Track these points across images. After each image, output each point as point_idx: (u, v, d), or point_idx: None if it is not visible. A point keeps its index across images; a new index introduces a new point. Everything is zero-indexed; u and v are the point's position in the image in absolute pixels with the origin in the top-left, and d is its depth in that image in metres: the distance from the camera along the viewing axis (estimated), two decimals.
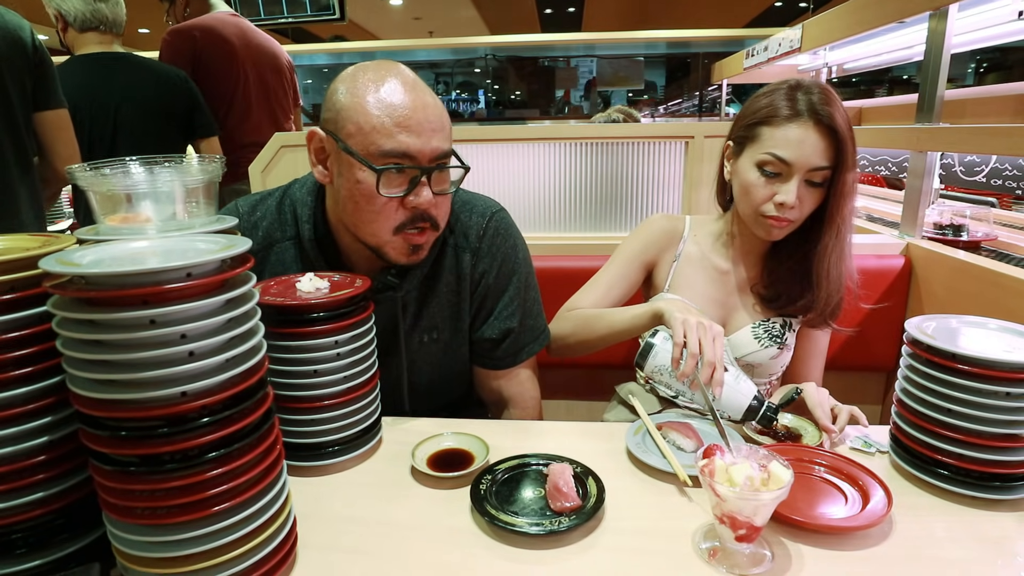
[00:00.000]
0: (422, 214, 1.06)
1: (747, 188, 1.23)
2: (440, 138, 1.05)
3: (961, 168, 2.24)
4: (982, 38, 2.36)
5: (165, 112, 2.35)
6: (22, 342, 0.64)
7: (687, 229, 1.41)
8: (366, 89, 1.02)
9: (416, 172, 1.03)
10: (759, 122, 1.21)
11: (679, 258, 1.39)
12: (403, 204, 1.05)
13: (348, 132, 1.02)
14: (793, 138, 1.16)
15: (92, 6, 2.16)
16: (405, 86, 1.03)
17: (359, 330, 0.98)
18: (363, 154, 1.02)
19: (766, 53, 3.93)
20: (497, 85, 9.95)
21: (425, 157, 1.03)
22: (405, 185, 1.04)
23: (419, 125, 1.02)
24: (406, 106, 1.02)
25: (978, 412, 0.87)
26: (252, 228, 1.19)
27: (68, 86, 2.02)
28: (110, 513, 0.65)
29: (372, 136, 1.01)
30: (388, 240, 1.07)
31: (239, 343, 0.66)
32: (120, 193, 0.75)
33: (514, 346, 1.27)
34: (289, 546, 0.76)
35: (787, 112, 1.18)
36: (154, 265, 0.60)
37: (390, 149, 1.01)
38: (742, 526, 0.77)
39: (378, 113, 1.01)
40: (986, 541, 0.83)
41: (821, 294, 1.27)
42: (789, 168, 1.17)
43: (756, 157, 1.21)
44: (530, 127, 1.85)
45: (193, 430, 0.63)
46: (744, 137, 1.25)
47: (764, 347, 1.33)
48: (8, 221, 1.72)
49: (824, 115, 1.15)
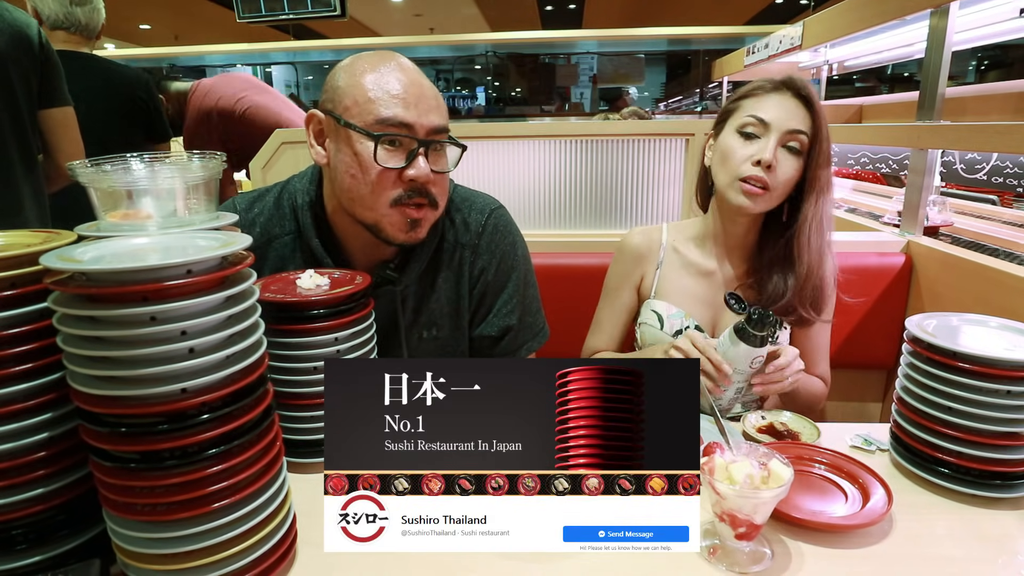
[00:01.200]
0: (419, 188, 1.06)
1: (727, 154, 1.26)
2: (437, 115, 1.08)
3: (962, 166, 2.24)
4: (983, 35, 2.36)
5: (121, 112, 2.34)
6: (23, 338, 0.65)
7: (665, 236, 1.42)
8: (362, 70, 1.06)
9: (413, 144, 1.05)
10: (740, 98, 1.29)
11: (661, 265, 1.40)
12: (400, 177, 1.06)
13: (345, 106, 1.05)
14: (771, 102, 1.24)
15: (67, 9, 2.18)
16: (401, 68, 1.07)
17: (359, 327, 0.98)
18: (361, 124, 1.03)
19: (767, 50, 3.93)
20: (498, 82, 9.94)
21: (423, 129, 1.05)
22: (403, 158, 1.05)
23: (416, 99, 1.05)
24: (403, 82, 1.05)
25: (979, 410, 0.87)
26: (250, 225, 1.19)
27: None
28: (110, 509, 0.65)
29: (369, 106, 1.03)
30: (385, 214, 1.07)
31: (239, 340, 0.66)
32: (121, 189, 0.75)
33: (513, 344, 1.27)
34: (289, 543, 0.76)
35: (768, 85, 1.26)
36: (155, 262, 0.60)
37: (387, 117, 1.03)
38: (742, 524, 0.77)
39: (374, 88, 1.04)
40: (987, 539, 0.83)
41: (801, 273, 1.27)
42: (767, 128, 1.23)
43: (737, 123, 1.26)
44: (530, 124, 1.85)
45: (193, 427, 0.63)
46: (726, 114, 1.30)
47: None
48: (12, 218, 1.73)
49: (802, 87, 1.24)
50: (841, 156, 3.44)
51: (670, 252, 1.40)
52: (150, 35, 10.70)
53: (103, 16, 2.31)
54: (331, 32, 9.88)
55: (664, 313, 1.35)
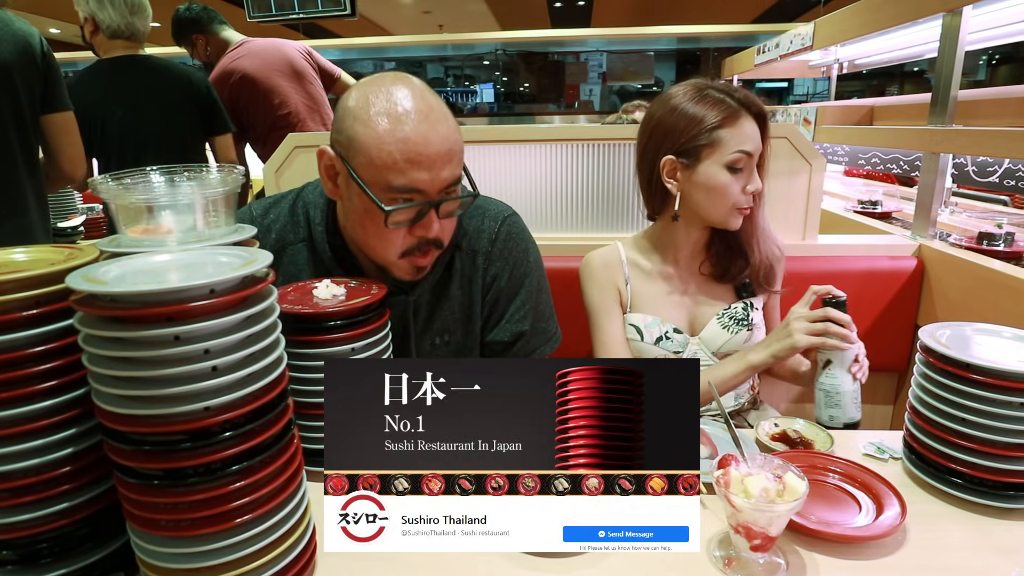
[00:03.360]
0: (429, 240, 1.08)
1: (721, 190, 1.28)
2: (451, 168, 1.04)
3: (974, 168, 2.23)
4: (996, 35, 2.34)
5: (182, 109, 2.50)
6: (47, 355, 0.65)
7: (622, 253, 1.44)
8: (379, 119, 1.00)
9: (424, 205, 1.04)
10: (715, 128, 1.26)
11: (629, 280, 1.41)
12: (410, 232, 1.07)
13: (359, 163, 1.02)
14: (748, 132, 1.27)
15: (127, 20, 2.35)
16: (418, 115, 1.00)
17: (375, 337, 0.99)
18: (372, 188, 1.01)
19: (777, 50, 3.91)
20: (506, 78, 9.91)
21: (435, 190, 1.03)
22: (413, 215, 1.05)
23: (430, 160, 1.00)
24: (419, 138, 0.99)
25: (992, 422, 0.88)
26: (265, 231, 1.20)
27: (95, 86, 2.37)
28: (134, 525, 0.66)
29: (383, 172, 1.00)
30: (394, 263, 1.10)
31: (261, 357, 0.67)
32: (141, 205, 0.76)
33: (525, 349, 1.27)
34: (309, 554, 0.77)
35: (734, 111, 1.26)
36: (178, 283, 0.61)
37: (400, 185, 1.01)
38: (757, 536, 0.77)
39: (390, 149, 0.99)
40: (1001, 550, 0.84)
41: (755, 254, 1.37)
42: (751, 159, 1.28)
43: (725, 159, 1.26)
44: (539, 128, 1.84)
45: (216, 444, 0.64)
46: (699, 148, 1.28)
47: (734, 333, 1.37)
48: (20, 218, 1.83)
49: (754, 105, 1.28)
50: (852, 156, 3.44)
51: (631, 266, 1.43)
52: (159, 33, 10.71)
53: (151, 21, 2.48)
54: (342, 31, 9.88)
55: (641, 324, 1.38)
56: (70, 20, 9.40)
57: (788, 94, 9.03)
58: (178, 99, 2.49)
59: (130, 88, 2.43)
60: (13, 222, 1.81)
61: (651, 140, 1.33)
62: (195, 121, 2.55)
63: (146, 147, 2.45)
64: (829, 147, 3.74)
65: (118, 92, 2.42)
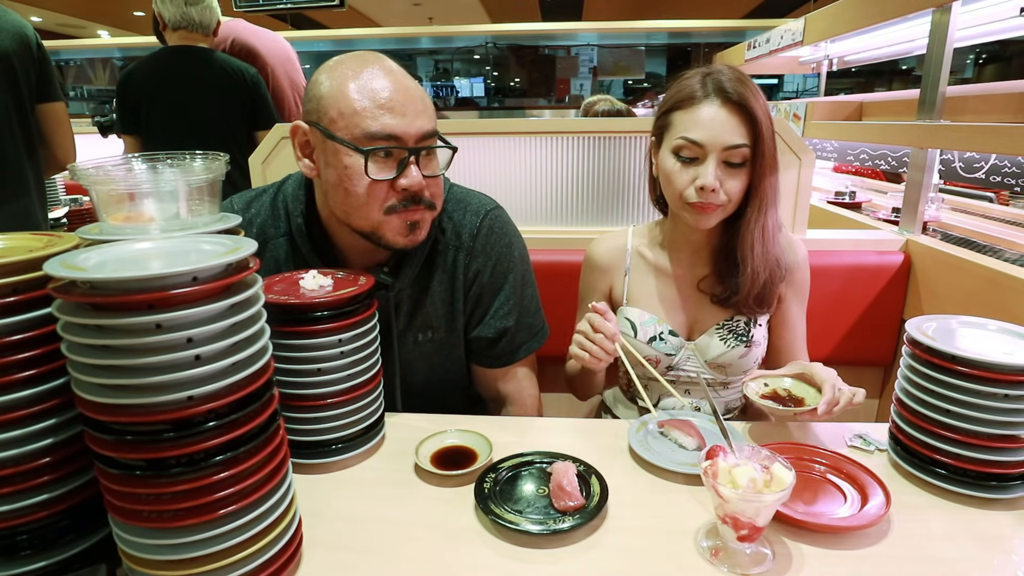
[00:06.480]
0: (413, 196, 1.06)
1: (668, 177, 1.19)
2: (424, 119, 1.05)
3: (960, 164, 2.24)
4: (983, 33, 2.35)
5: (229, 100, 2.55)
6: (25, 344, 0.64)
7: (630, 241, 1.38)
8: (345, 76, 1.03)
9: (404, 154, 1.03)
10: (670, 109, 1.19)
11: (629, 271, 1.36)
12: (393, 187, 1.04)
13: (331, 119, 1.02)
14: (703, 118, 1.14)
15: (181, 10, 2.47)
16: (385, 71, 1.04)
17: (362, 328, 0.98)
18: (348, 139, 1.01)
19: (768, 45, 3.92)
20: (497, 73, 9.87)
21: (411, 138, 1.03)
22: (393, 168, 1.04)
23: (402, 106, 1.02)
24: (387, 89, 1.02)
25: (977, 413, 0.88)
26: (247, 225, 1.19)
27: (148, 72, 2.49)
28: (116, 516, 0.65)
29: (355, 119, 1.01)
30: (382, 220, 1.06)
31: (245, 346, 0.66)
32: (123, 192, 0.75)
33: (511, 345, 1.27)
34: (295, 546, 0.76)
35: (697, 94, 1.16)
36: (160, 269, 0.60)
37: (375, 131, 1.01)
38: (744, 526, 0.77)
39: (359, 97, 1.01)
40: (983, 540, 0.84)
41: (747, 272, 1.22)
42: (703, 150, 1.15)
43: (671, 144, 1.18)
44: (529, 120, 1.83)
45: (199, 434, 0.63)
46: (661, 127, 1.22)
47: (731, 347, 1.28)
48: (22, 200, 1.96)
49: (733, 93, 1.13)
50: (841, 152, 3.47)
51: (636, 257, 1.36)
52: (144, 22, 10.60)
53: (218, 13, 2.58)
54: (330, 22, 9.81)
55: (637, 320, 1.31)
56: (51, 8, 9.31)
57: (778, 90, 9.05)
58: (225, 90, 2.53)
59: (179, 76, 2.51)
60: (16, 204, 1.94)
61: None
62: (238, 113, 2.57)
63: (191, 135, 2.52)
64: (818, 143, 3.75)
65: (168, 79, 2.51)
